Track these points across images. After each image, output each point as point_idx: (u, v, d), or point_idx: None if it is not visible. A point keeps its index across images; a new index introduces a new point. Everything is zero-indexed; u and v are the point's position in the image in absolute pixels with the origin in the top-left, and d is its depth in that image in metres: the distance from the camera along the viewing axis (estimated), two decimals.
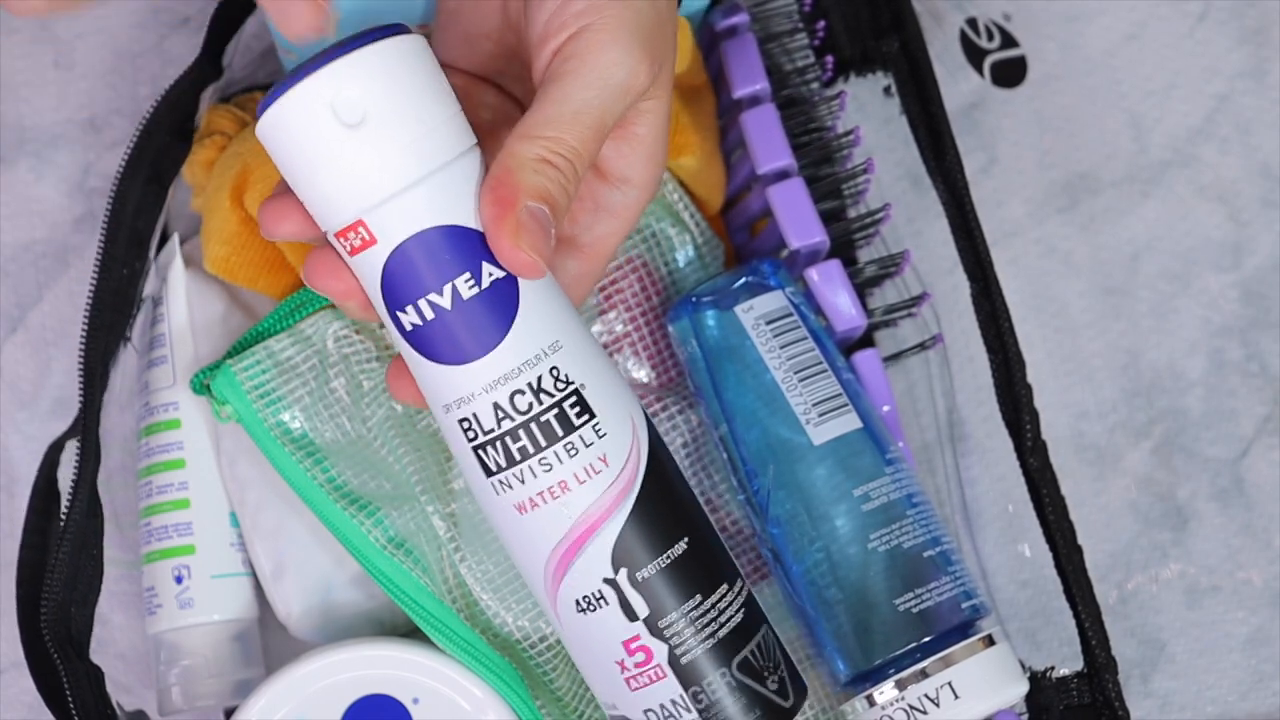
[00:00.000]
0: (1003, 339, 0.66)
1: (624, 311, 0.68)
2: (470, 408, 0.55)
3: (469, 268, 0.53)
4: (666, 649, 0.56)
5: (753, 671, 0.57)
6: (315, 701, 0.64)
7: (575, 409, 0.55)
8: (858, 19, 0.71)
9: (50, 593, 0.64)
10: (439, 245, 0.53)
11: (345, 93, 0.51)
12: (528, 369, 0.54)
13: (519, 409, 0.54)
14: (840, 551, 0.63)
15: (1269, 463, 0.77)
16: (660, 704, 0.57)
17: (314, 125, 0.52)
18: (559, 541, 0.55)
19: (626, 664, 0.57)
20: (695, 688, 0.57)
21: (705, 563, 0.57)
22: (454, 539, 0.65)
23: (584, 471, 0.55)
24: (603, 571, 0.55)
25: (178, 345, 0.69)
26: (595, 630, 0.57)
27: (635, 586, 0.56)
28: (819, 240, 0.66)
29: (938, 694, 0.61)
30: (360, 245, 0.53)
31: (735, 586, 0.58)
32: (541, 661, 0.65)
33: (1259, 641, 0.75)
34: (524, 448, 0.55)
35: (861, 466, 0.63)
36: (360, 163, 0.52)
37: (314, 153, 0.52)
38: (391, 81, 0.52)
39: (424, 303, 0.53)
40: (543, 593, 0.57)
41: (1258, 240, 0.79)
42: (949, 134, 0.67)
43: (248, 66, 0.72)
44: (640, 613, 0.56)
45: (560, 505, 0.55)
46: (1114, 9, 0.80)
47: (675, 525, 0.56)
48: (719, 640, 0.57)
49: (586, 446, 0.55)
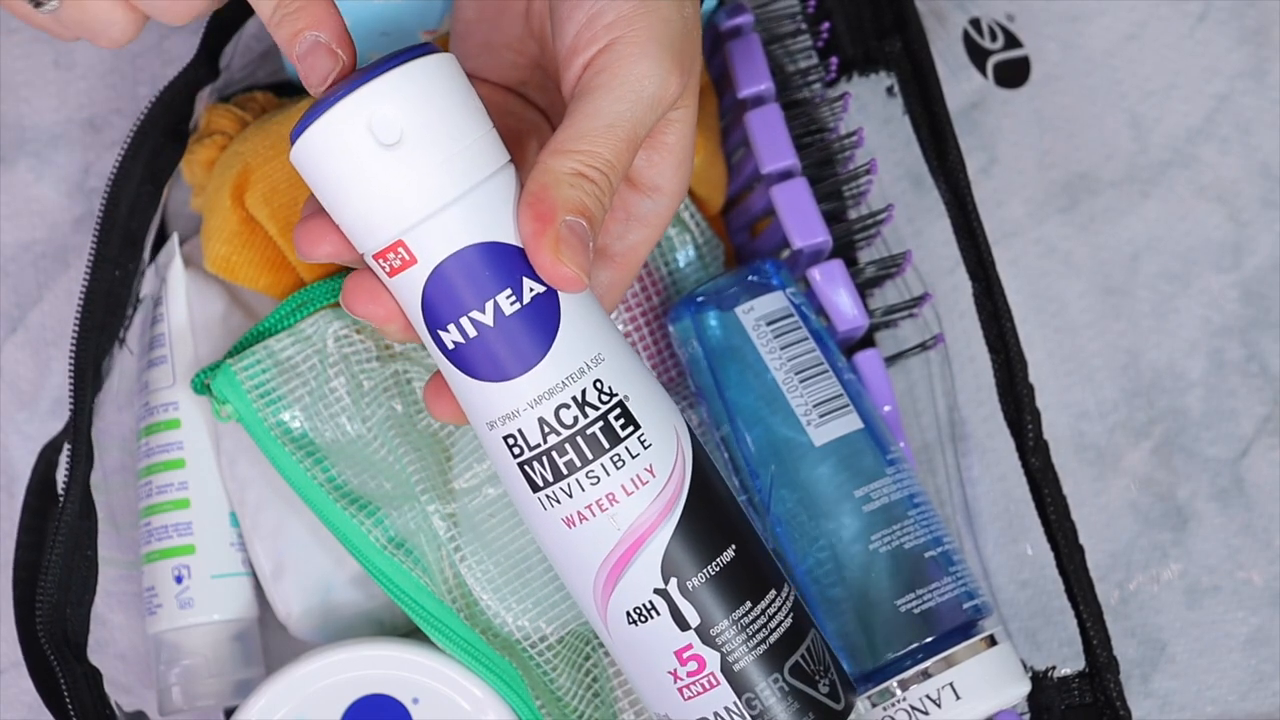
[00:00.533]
0: (1005, 339, 0.66)
1: (624, 311, 0.68)
2: (515, 424, 0.54)
3: (509, 284, 0.53)
4: (719, 657, 0.56)
5: (804, 676, 0.57)
6: (315, 701, 0.64)
7: (620, 420, 0.55)
8: (861, 19, 0.71)
9: (44, 594, 0.64)
10: (479, 262, 0.53)
11: (382, 112, 0.51)
12: (572, 383, 0.54)
13: (564, 423, 0.54)
14: (842, 552, 0.63)
15: (1269, 463, 0.77)
16: (714, 712, 0.57)
17: (351, 146, 0.51)
18: (609, 554, 0.55)
19: (679, 674, 0.56)
20: (749, 694, 0.56)
21: (753, 569, 0.57)
22: (454, 539, 0.65)
23: (632, 483, 0.55)
24: (653, 582, 0.55)
25: (177, 345, 0.69)
26: (647, 641, 0.56)
27: (686, 596, 0.55)
28: (822, 240, 0.66)
29: (940, 694, 0.61)
30: (400, 266, 0.53)
31: (783, 592, 0.58)
32: (541, 661, 0.65)
33: (1259, 641, 0.75)
34: (571, 461, 0.54)
35: (863, 467, 0.63)
36: (398, 182, 0.52)
37: (351, 174, 0.52)
38: (426, 100, 0.52)
39: (466, 320, 0.53)
40: (592, 606, 0.57)
41: (1258, 240, 0.79)
42: (951, 134, 0.67)
43: (247, 66, 0.72)
44: (692, 622, 0.56)
45: (609, 518, 0.55)
46: (1114, 9, 0.80)
47: (722, 533, 0.56)
48: (770, 646, 0.56)
49: (633, 458, 0.55)
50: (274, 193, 0.67)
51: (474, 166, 0.53)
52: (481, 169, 0.53)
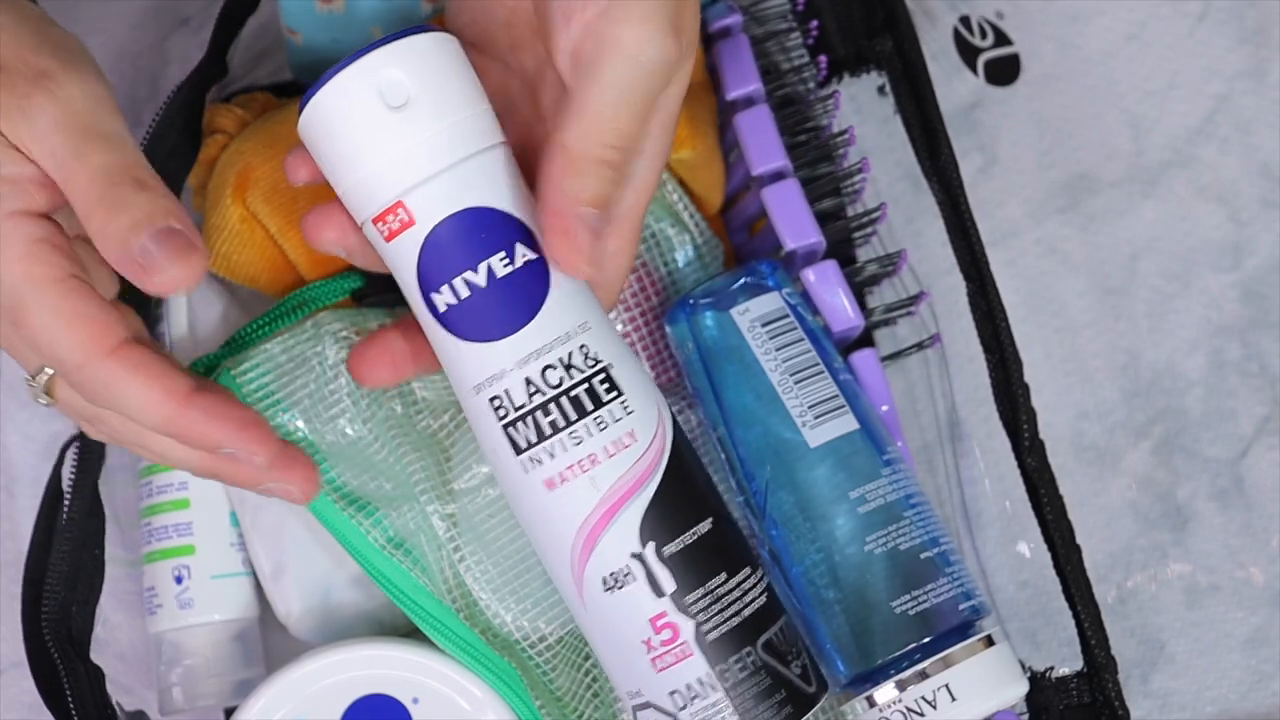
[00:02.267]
0: (999, 338, 0.66)
1: (623, 311, 0.68)
2: (502, 384, 0.56)
3: (504, 247, 0.56)
4: (693, 625, 0.57)
5: (777, 654, 0.58)
6: (315, 701, 0.64)
7: (604, 385, 0.56)
8: (851, 18, 0.71)
9: (51, 592, 0.64)
10: (476, 224, 0.55)
11: (391, 75, 0.54)
12: (559, 345, 0.56)
13: (550, 383, 0.56)
14: (838, 553, 0.63)
15: (1269, 462, 0.77)
16: (686, 684, 0.57)
17: (360, 107, 0.54)
18: (588, 516, 0.56)
19: (653, 642, 0.57)
20: (722, 665, 0.57)
21: (728, 544, 0.58)
22: (453, 539, 0.65)
23: (613, 445, 0.56)
24: (631, 546, 0.56)
25: (178, 345, 0.69)
26: (622, 608, 0.57)
27: (662, 561, 0.57)
28: (814, 241, 0.66)
29: (936, 695, 0.61)
30: (398, 228, 0.56)
31: (757, 572, 0.59)
32: (541, 661, 0.65)
33: (1259, 641, 0.75)
34: (555, 421, 0.56)
35: (859, 467, 0.63)
36: (403, 143, 0.55)
37: (358, 135, 0.55)
38: (431, 69, 0.55)
39: (459, 281, 0.56)
40: (568, 575, 0.58)
41: (1257, 240, 0.79)
42: (943, 133, 0.67)
43: (246, 65, 0.72)
44: (667, 588, 0.57)
45: (589, 479, 0.56)
46: (1113, 9, 0.80)
47: (700, 504, 0.58)
48: (744, 620, 0.57)
49: (615, 421, 0.56)
50: (275, 192, 0.67)
51: (474, 136, 0.55)
52: (481, 139, 0.56)
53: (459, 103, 0.55)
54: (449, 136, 0.55)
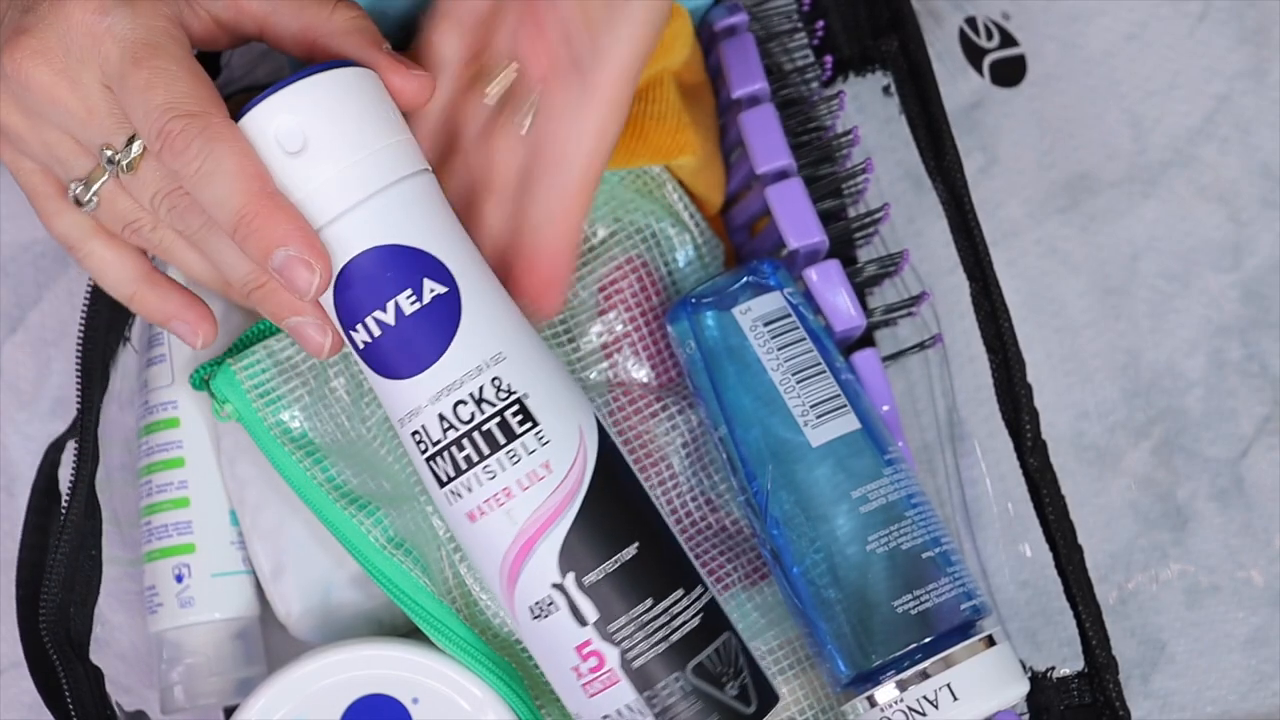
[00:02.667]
0: (1002, 338, 0.66)
1: (624, 311, 0.68)
2: (419, 420, 0.57)
3: (410, 284, 0.56)
4: (618, 653, 0.57)
5: (709, 677, 0.58)
6: (315, 701, 0.64)
7: (517, 417, 0.57)
8: (856, 18, 0.71)
9: (49, 593, 0.64)
10: (381, 264, 0.56)
11: (285, 122, 0.54)
12: (469, 380, 0.56)
13: (461, 419, 0.56)
14: (839, 552, 0.63)
15: (1269, 463, 0.77)
16: (617, 709, 0.58)
17: (263, 153, 0.55)
18: (508, 549, 0.57)
19: (581, 669, 0.58)
20: (649, 692, 0.57)
21: (657, 567, 0.58)
22: (453, 539, 0.65)
23: (526, 478, 0.57)
24: (550, 577, 0.57)
25: (176, 344, 0.69)
26: (549, 636, 0.58)
27: (584, 591, 0.57)
28: (818, 240, 0.66)
29: (938, 695, 0.61)
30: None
31: (693, 592, 0.59)
32: None
33: (1259, 641, 0.75)
34: (468, 456, 0.57)
35: (860, 467, 0.63)
36: (303, 188, 0.55)
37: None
38: (329, 111, 0.55)
39: (370, 320, 0.56)
40: (502, 600, 0.59)
41: (1258, 240, 0.79)
42: (948, 133, 0.67)
43: (246, 65, 0.71)
44: (589, 617, 0.57)
45: (505, 513, 0.57)
46: (1114, 9, 0.80)
47: (625, 529, 0.58)
48: (672, 645, 0.57)
49: (529, 454, 0.57)
50: None
51: (378, 173, 0.55)
52: (386, 176, 0.55)
53: (360, 141, 0.55)
54: (350, 176, 0.55)
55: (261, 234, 0.54)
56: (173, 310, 0.60)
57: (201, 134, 0.54)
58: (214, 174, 0.54)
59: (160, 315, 0.61)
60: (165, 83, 0.54)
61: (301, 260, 0.54)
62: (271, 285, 0.57)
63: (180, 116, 0.54)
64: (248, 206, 0.54)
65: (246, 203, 0.54)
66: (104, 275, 0.60)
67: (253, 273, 0.57)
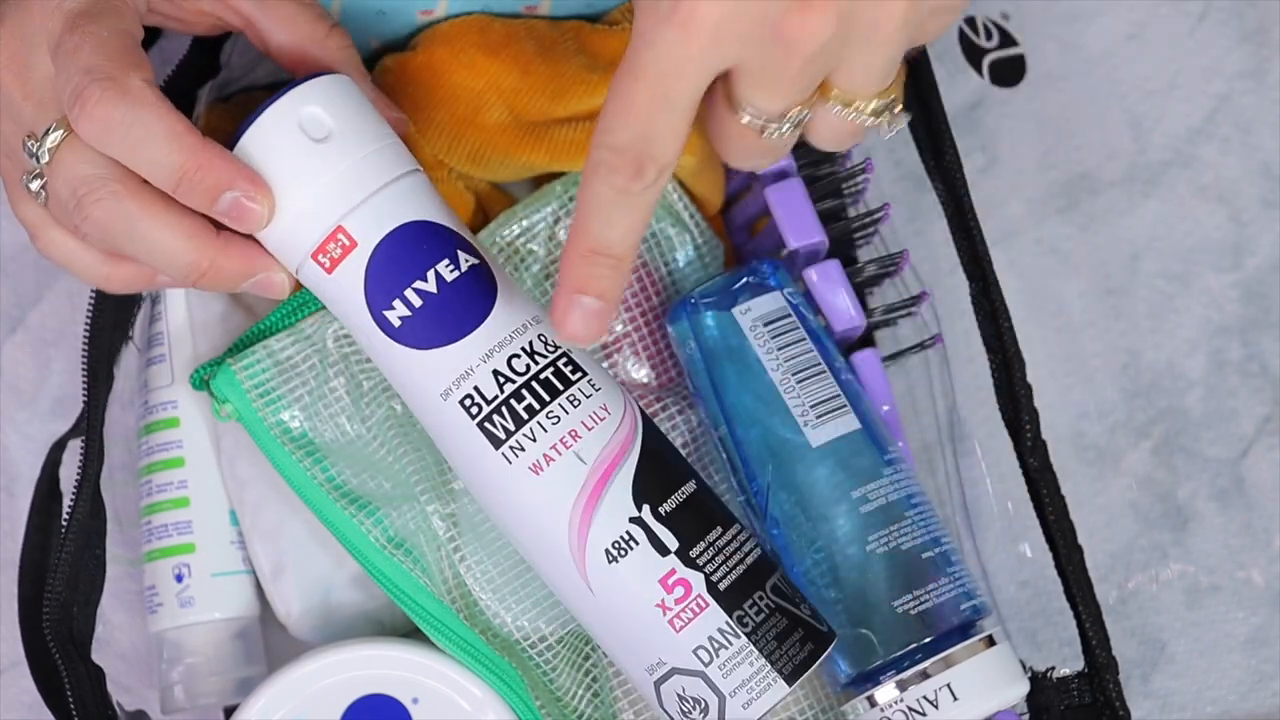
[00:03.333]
0: (1002, 338, 0.66)
1: (624, 311, 0.68)
2: (471, 381, 0.57)
3: (447, 254, 0.58)
4: (703, 578, 0.57)
5: (786, 596, 0.59)
6: (315, 701, 0.64)
7: (569, 367, 0.58)
8: None
9: (53, 592, 0.64)
10: (417, 237, 0.57)
11: (310, 111, 0.57)
12: (519, 335, 0.58)
13: (518, 371, 0.57)
14: (839, 552, 0.63)
15: (1269, 463, 0.77)
16: (709, 636, 0.58)
17: (286, 144, 0.56)
18: (580, 490, 0.57)
19: (667, 603, 0.57)
20: (739, 611, 0.58)
21: (714, 501, 0.59)
22: (453, 539, 0.65)
23: (591, 419, 0.58)
24: (628, 511, 0.57)
25: (176, 344, 0.69)
26: (630, 576, 0.57)
27: (661, 521, 0.57)
28: (817, 240, 0.66)
29: (938, 695, 0.61)
30: (340, 255, 0.57)
31: (745, 529, 0.60)
32: (541, 661, 0.65)
33: (1259, 641, 0.75)
34: (530, 405, 0.57)
35: (860, 467, 0.63)
36: (333, 170, 0.57)
37: (289, 171, 0.57)
38: (343, 105, 0.57)
39: (410, 292, 0.57)
40: (567, 560, 0.58)
41: (1258, 240, 0.79)
42: (948, 133, 0.67)
43: (246, 65, 0.71)
44: (671, 546, 0.57)
45: (574, 454, 0.57)
46: (1114, 9, 0.80)
47: (681, 468, 0.59)
48: (749, 567, 0.58)
49: (587, 397, 0.58)
50: None
51: (395, 161, 0.58)
52: (401, 165, 0.58)
53: (374, 134, 0.58)
54: (374, 161, 0.57)
55: (205, 183, 0.55)
56: (147, 278, 0.60)
57: (121, 99, 0.54)
58: (145, 140, 0.55)
59: (138, 286, 0.61)
60: (92, 45, 0.55)
61: (246, 196, 0.56)
62: (217, 263, 0.57)
63: (99, 80, 0.54)
64: (187, 162, 0.55)
65: (185, 159, 0.55)
66: (70, 264, 0.60)
67: (193, 262, 0.57)
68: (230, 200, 0.56)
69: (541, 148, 0.66)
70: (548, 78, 0.66)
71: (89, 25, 0.55)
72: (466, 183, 0.68)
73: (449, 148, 0.67)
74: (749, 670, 0.57)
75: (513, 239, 0.67)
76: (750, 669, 0.57)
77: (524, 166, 0.67)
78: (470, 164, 0.67)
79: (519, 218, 0.67)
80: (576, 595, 0.59)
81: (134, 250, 0.57)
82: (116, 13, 0.56)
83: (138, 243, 0.57)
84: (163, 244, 0.57)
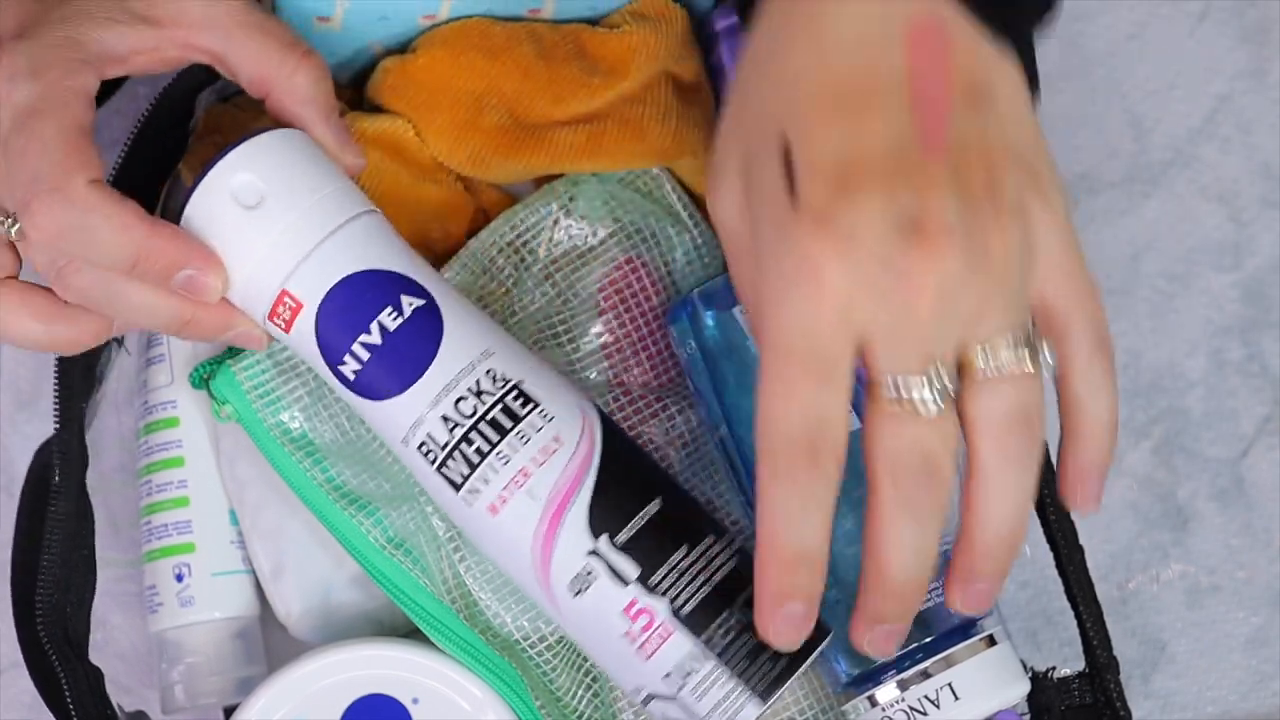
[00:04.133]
0: None
1: (624, 311, 0.68)
2: (424, 430, 0.58)
3: (388, 302, 0.58)
4: (666, 604, 0.57)
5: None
6: (315, 701, 0.63)
7: (518, 400, 0.58)
8: None
9: (44, 594, 0.64)
10: (358, 288, 0.58)
11: (240, 180, 0.57)
12: (465, 375, 0.58)
13: (464, 414, 0.58)
14: (840, 552, 0.62)
15: (1269, 463, 0.77)
16: (676, 663, 0.57)
17: (222, 216, 0.58)
18: (535, 528, 0.57)
19: (633, 632, 0.57)
20: (705, 635, 0.57)
21: (684, 518, 0.59)
22: (453, 539, 0.65)
23: (540, 454, 0.57)
24: (584, 545, 0.57)
25: (175, 344, 0.69)
26: (595, 608, 0.58)
27: (618, 550, 0.57)
28: None
29: (939, 694, 0.61)
30: (290, 316, 0.58)
31: (725, 536, 0.59)
32: (541, 661, 0.65)
33: (1259, 641, 0.75)
34: (479, 448, 0.57)
35: (861, 467, 0.63)
36: (269, 236, 0.57)
37: (229, 242, 0.58)
38: (278, 163, 0.58)
39: (358, 346, 0.58)
40: (539, 592, 0.58)
41: (1258, 240, 0.79)
42: None
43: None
44: (630, 575, 0.57)
45: (526, 493, 0.57)
46: (1114, 9, 0.80)
47: (645, 487, 0.59)
48: (715, 586, 0.58)
49: (537, 431, 0.58)
50: None
51: (335, 211, 0.58)
52: (342, 213, 0.58)
53: (311, 186, 0.58)
54: (310, 218, 0.58)
55: (158, 266, 0.57)
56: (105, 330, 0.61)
57: (66, 208, 0.56)
58: (94, 240, 0.56)
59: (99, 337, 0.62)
60: (36, 150, 0.56)
61: (198, 272, 0.57)
62: (198, 316, 0.59)
63: (44, 192, 0.56)
64: (138, 251, 0.56)
65: (135, 249, 0.56)
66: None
67: (174, 316, 0.59)
68: (185, 279, 0.57)
69: (542, 150, 0.66)
70: (548, 81, 0.66)
71: (34, 124, 0.56)
72: (466, 184, 0.68)
73: (449, 151, 0.66)
74: (720, 693, 0.57)
75: (513, 239, 0.67)
76: (721, 691, 0.57)
77: (524, 169, 0.67)
78: (471, 167, 0.67)
79: (519, 218, 0.67)
80: (555, 619, 0.60)
81: (117, 312, 0.59)
82: (63, 105, 0.57)
83: (120, 304, 0.58)
84: (144, 304, 0.58)
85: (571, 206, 0.67)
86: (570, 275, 0.67)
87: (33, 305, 0.59)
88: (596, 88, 0.67)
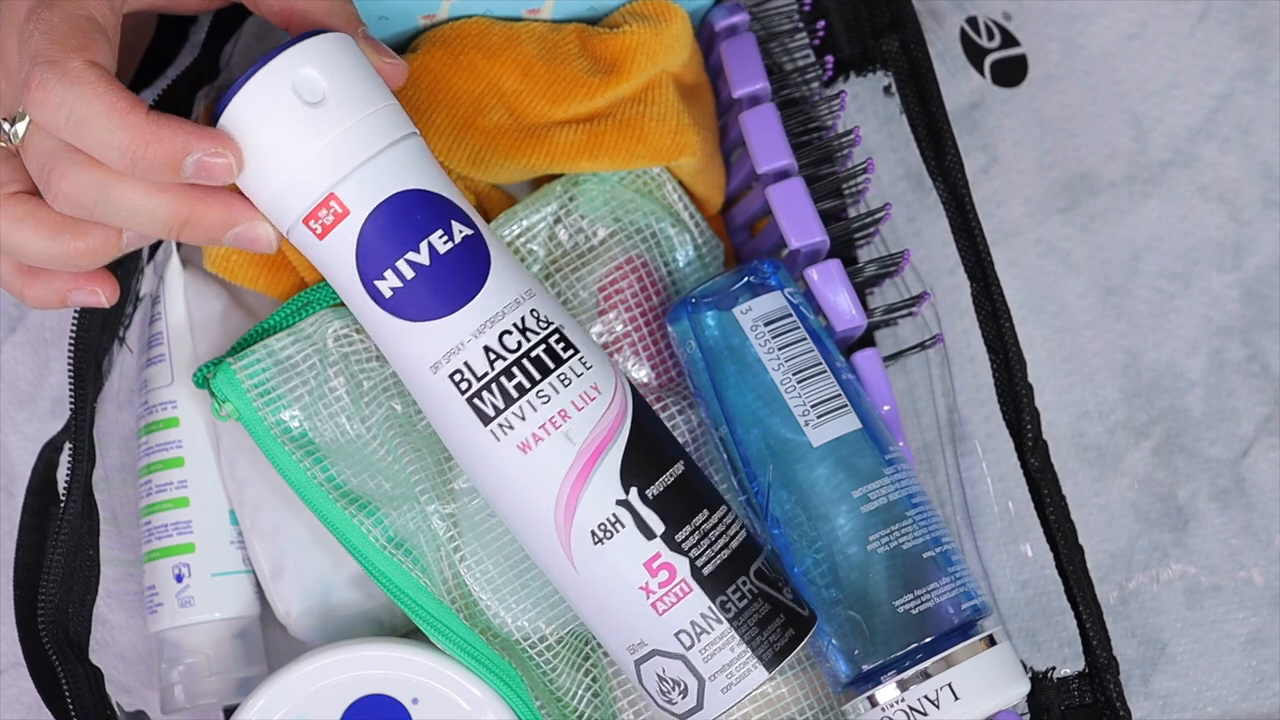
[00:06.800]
0: (1003, 338, 0.66)
1: (624, 311, 0.68)
2: (462, 356, 0.57)
3: (441, 225, 0.57)
4: (687, 562, 0.58)
5: (769, 580, 0.59)
6: (315, 701, 0.64)
7: (560, 344, 0.58)
8: (857, 18, 0.71)
9: (46, 594, 0.64)
10: (410, 207, 0.56)
11: (304, 73, 0.55)
12: (511, 310, 0.57)
13: (509, 347, 0.57)
14: (840, 552, 0.63)
15: (1269, 463, 0.77)
16: (691, 621, 0.58)
17: (278, 108, 0.55)
18: (567, 471, 0.57)
19: (651, 586, 0.58)
20: (722, 597, 0.58)
21: (702, 483, 0.60)
22: (453, 539, 0.65)
23: (580, 399, 0.57)
24: (614, 493, 0.57)
25: (175, 344, 0.69)
26: (615, 559, 0.58)
27: (648, 504, 0.58)
28: (819, 240, 0.66)
29: (939, 694, 0.61)
30: (331, 222, 0.56)
31: (732, 510, 0.60)
32: (541, 662, 0.65)
33: (1259, 641, 0.75)
34: (520, 384, 0.57)
35: (861, 467, 0.63)
36: (326, 136, 0.55)
37: (280, 135, 0.55)
38: (339, 66, 0.56)
39: (403, 263, 0.56)
40: (553, 540, 0.58)
41: (1258, 240, 0.79)
42: (949, 133, 0.67)
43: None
44: (657, 529, 0.58)
45: (563, 435, 0.57)
46: (1115, 9, 0.80)
47: (671, 449, 0.59)
48: (733, 551, 0.59)
49: (578, 376, 0.58)
50: None
51: (392, 124, 0.57)
52: (397, 129, 0.57)
53: (370, 96, 0.56)
54: (369, 127, 0.56)
55: (159, 158, 0.54)
56: (112, 246, 0.59)
57: (60, 81, 0.54)
58: (85, 120, 0.54)
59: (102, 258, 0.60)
60: (42, 31, 0.55)
61: (207, 154, 0.55)
62: (197, 212, 0.57)
63: (40, 64, 0.54)
64: (133, 140, 0.54)
65: (130, 137, 0.54)
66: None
67: (172, 215, 0.56)
68: (194, 164, 0.55)
69: (542, 150, 0.66)
70: (548, 80, 0.66)
71: (44, 12, 0.55)
72: (466, 184, 0.68)
73: (449, 150, 0.66)
74: (729, 655, 0.58)
75: (513, 239, 0.67)
76: (731, 654, 0.58)
77: (524, 169, 0.67)
78: (470, 166, 0.67)
79: (519, 218, 0.67)
80: (561, 572, 0.59)
81: (111, 216, 0.56)
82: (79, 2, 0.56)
83: (112, 207, 0.56)
84: (137, 204, 0.56)
85: (571, 206, 0.67)
86: (570, 275, 0.68)
87: (39, 216, 0.57)
88: (596, 88, 0.67)
